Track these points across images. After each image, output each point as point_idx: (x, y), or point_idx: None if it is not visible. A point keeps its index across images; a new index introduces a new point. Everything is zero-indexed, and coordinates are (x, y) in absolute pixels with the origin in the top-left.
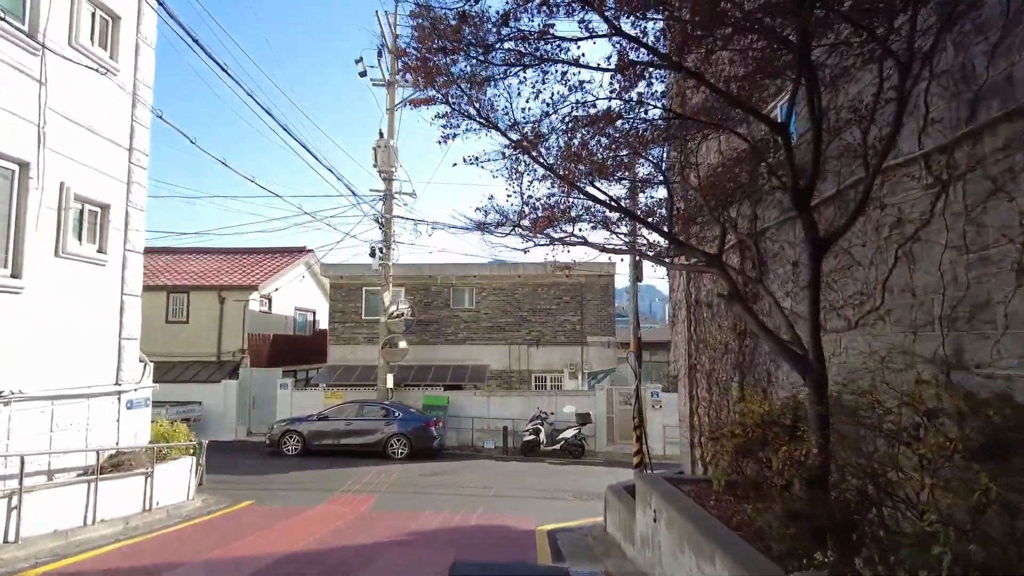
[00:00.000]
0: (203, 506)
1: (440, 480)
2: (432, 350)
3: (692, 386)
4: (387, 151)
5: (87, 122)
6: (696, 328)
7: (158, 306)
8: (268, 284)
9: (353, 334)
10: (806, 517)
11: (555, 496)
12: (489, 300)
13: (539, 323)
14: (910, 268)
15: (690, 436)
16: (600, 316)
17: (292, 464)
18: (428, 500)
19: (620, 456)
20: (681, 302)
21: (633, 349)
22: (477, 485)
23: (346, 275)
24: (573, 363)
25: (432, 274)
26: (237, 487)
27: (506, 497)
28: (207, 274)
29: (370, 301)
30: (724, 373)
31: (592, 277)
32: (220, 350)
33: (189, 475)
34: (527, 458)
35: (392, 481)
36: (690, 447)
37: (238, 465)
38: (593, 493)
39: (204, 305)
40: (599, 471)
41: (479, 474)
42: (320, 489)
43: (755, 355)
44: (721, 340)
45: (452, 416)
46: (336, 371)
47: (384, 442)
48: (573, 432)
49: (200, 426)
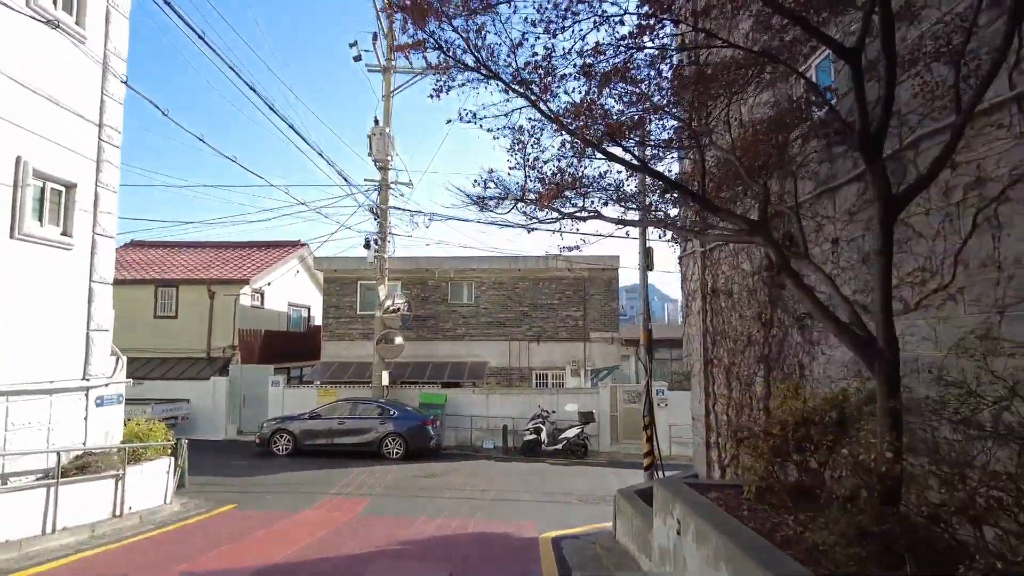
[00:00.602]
0: (181, 511)
1: (437, 482)
2: (429, 346)
3: (708, 382)
4: (382, 139)
5: (49, 92)
6: (712, 319)
7: (146, 300)
8: (260, 278)
9: (348, 330)
10: (878, 535)
11: (558, 499)
12: (489, 295)
13: (540, 319)
14: (994, 237)
15: (705, 436)
16: (603, 311)
17: (282, 464)
18: (423, 504)
19: (624, 456)
20: (695, 292)
21: (643, 342)
22: (476, 487)
23: (340, 268)
24: (575, 360)
25: (430, 268)
26: (221, 489)
27: (506, 500)
28: (197, 268)
29: (365, 295)
30: (746, 367)
31: (595, 271)
32: (210, 346)
33: (166, 477)
34: (528, 458)
35: (386, 483)
36: (705, 448)
37: (225, 465)
38: (599, 496)
39: (193, 300)
40: (603, 472)
41: (478, 475)
42: (309, 492)
43: (783, 346)
44: (743, 331)
45: (450, 415)
46: (330, 368)
47: (379, 442)
48: (576, 431)
49: (188, 425)
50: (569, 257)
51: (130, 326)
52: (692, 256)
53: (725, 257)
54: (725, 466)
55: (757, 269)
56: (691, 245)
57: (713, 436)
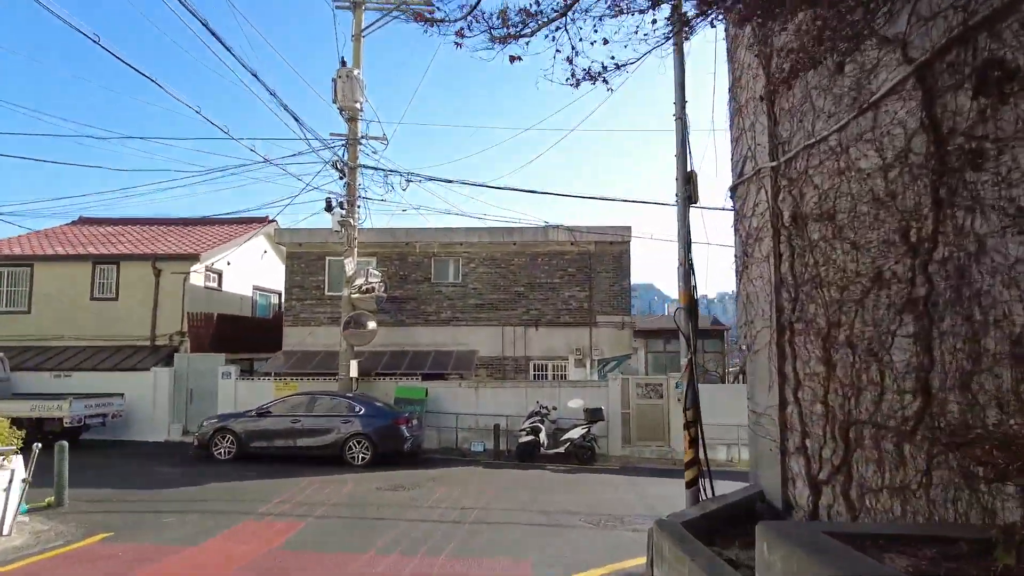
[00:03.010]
0: (25, 544)
1: (405, 497)
2: (409, 332)
3: (783, 360)
4: (350, 82)
5: None
6: (795, 264)
7: (82, 280)
8: (215, 254)
9: (314, 313)
10: None
11: (561, 521)
12: (478, 272)
13: (538, 300)
14: None
15: (780, 438)
16: (612, 292)
17: (217, 473)
18: (379, 530)
19: (640, 461)
20: (760, 229)
21: (683, 303)
22: (455, 503)
23: (306, 242)
24: (579, 348)
25: (409, 241)
26: (114, 508)
27: (492, 524)
28: (141, 243)
29: (334, 274)
30: (870, 325)
31: (602, 245)
32: (155, 333)
33: (3, 497)
34: (524, 464)
35: (338, 498)
36: (780, 455)
37: (146, 474)
38: (615, 515)
39: (137, 279)
40: (616, 482)
41: (460, 487)
42: (229, 511)
43: (965, 277)
44: (862, 268)
45: (432, 412)
46: (292, 358)
47: (341, 444)
48: (581, 432)
49: (122, 424)
50: (574, 229)
51: (63, 310)
52: (756, 179)
53: (823, 162)
54: (821, 482)
55: (902, 154)
56: (755, 163)
57: (795, 437)
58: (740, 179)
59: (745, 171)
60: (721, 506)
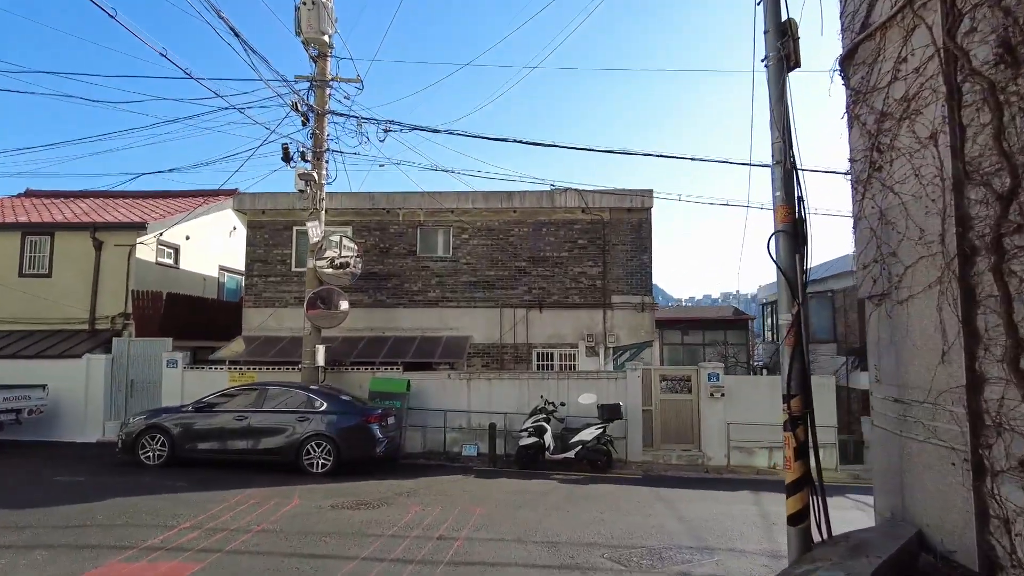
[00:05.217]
0: None
1: (364, 520)
2: (390, 315)
3: (972, 307)
4: (316, 10)
5: None
6: (1004, 134)
7: (10, 254)
8: (167, 225)
9: (278, 292)
10: None
11: (577, 559)
12: (472, 245)
13: (543, 277)
14: None
15: (969, 445)
16: (630, 268)
17: (131, 484)
18: (313, 572)
19: (664, 468)
20: (914, 98)
21: (781, 222)
22: (430, 531)
23: (269, 209)
24: (591, 334)
25: (390, 207)
26: None
27: (477, 566)
28: (83, 213)
29: (302, 247)
30: None
31: (619, 212)
32: (94, 314)
33: None
34: (525, 472)
35: (270, 522)
36: (971, 475)
37: (33, 484)
38: (650, 548)
39: (74, 252)
40: (642, 496)
41: (441, 504)
42: (103, 544)
43: None
44: None
45: (416, 409)
46: (253, 343)
47: (297, 447)
48: (595, 432)
49: (44, 421)
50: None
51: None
52: (903, 18)
53: None
54: None
55: None
56: None
57: (1005, 444)
58: (865, 32)
59: (874, 17)
60: (874, 568)
